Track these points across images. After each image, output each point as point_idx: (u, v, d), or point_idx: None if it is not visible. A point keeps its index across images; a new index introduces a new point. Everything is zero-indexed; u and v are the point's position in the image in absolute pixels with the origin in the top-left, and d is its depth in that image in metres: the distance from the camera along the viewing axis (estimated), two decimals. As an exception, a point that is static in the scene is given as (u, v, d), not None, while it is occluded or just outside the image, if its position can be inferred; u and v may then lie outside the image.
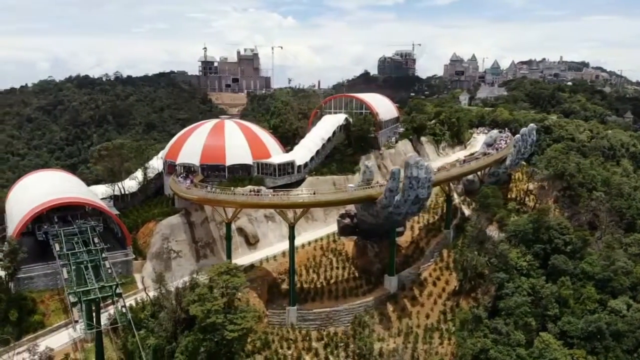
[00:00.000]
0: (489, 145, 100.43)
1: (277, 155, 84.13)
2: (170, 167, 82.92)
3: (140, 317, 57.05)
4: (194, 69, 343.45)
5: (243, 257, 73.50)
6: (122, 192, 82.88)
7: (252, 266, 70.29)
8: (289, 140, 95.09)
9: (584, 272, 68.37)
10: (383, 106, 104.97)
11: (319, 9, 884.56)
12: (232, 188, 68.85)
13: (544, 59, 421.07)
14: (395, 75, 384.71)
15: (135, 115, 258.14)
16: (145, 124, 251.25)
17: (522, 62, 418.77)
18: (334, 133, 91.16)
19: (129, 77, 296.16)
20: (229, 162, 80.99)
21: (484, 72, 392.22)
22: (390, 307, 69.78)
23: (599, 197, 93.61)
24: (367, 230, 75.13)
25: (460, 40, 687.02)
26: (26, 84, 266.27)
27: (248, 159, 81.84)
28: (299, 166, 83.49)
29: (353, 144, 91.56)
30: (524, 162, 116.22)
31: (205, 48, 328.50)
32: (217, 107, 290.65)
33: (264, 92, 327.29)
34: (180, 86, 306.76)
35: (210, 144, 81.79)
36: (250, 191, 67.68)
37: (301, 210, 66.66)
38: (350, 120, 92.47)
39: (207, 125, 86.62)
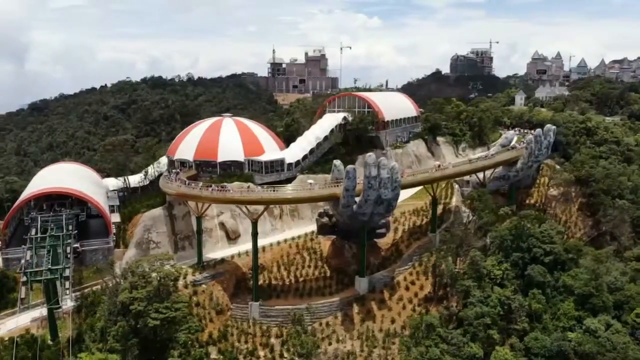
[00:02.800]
0: (503, 146, 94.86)
1: (270, 153, 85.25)
2: (171, 162, 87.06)
3: (99, 301, 60.77)
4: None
5: (222, 251, 75.38)
6: (127, 186, 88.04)
7: (222, 260, 71.94)
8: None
9: (565, 285, 62.80)
10: (393, 105, 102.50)
11: (405, 8, 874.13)
12: (200, 183, 70.58)
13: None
14: (468, 74, 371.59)
15: (202, 115, 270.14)
16: (281, 123, 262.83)
17: (614, 61, 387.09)
18: (331, 132, 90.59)
19: (200, 78, 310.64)
20: (220, 158, 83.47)
21: (569, 71, 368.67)
22: (355, 309, 68.45)
23: (622, 206, 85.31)
24: (345, 230, 74.11)
25: (556, 38, 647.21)
26: (105, 84, 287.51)
27: (240, 156, 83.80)
28: (290, 164, 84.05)
29: (351, 143, 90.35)
30: (557, 165, 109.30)
31: (274, 50, 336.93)
32: (281, 108, 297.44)
33: (329, 92, 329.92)
34: (248, 87, 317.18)
35: (204, 141, 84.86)
36: (219, 187, 69.12)
37: (267, 206, 67.09)
38: (349, 119, 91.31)
39: (207, 122, 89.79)
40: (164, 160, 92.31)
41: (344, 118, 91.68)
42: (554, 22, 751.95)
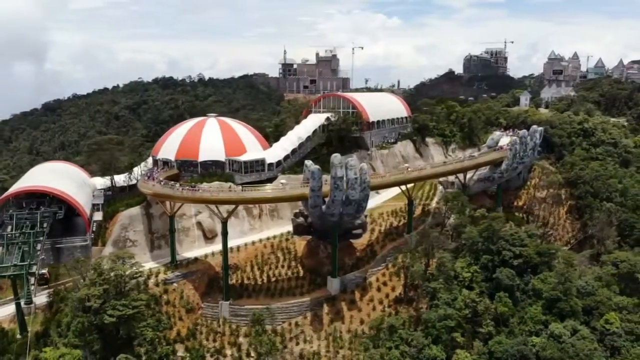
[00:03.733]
0: (490, 147, 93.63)
1: (251, 153, 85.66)
2: (155, 162, 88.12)
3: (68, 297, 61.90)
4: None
5: (198, 250, 76.03)
6: (113, 185, 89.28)
7: (195, 259, 72.59)
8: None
9: (534, 289, 61.78)
10: (380, 106, 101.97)
11: (425, 8, 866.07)
12: (172, 183, 71.23)
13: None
14: (482, 74, 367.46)
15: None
16: (270, 123, 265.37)
17: (634, 62, 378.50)
18: (314, 132, 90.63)
19: (211, 79, 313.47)
20: (201, 158, 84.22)
21: (585, 72, 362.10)
22: (325, 309, 68.38)
23: (610, 209, 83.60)
24: (320, 230, 74.09)
25: (578, 38, 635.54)
26: (118, 85, 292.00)
27: (221, 156, 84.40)
28: (271, 164, 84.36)
29: (334, 144, 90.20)
30: (551, 167, 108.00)
31: (285, 51, 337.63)
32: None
33: (340, 92, 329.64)
34: (258, 87, 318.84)
35: (186, 141, 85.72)
36: (190, 186, 69.71)
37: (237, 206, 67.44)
38: (332, 119, 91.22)
39: (191, 122, 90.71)
40: (150, 159, 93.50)
41: (327, 119, 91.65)
42: (576, 22, 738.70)
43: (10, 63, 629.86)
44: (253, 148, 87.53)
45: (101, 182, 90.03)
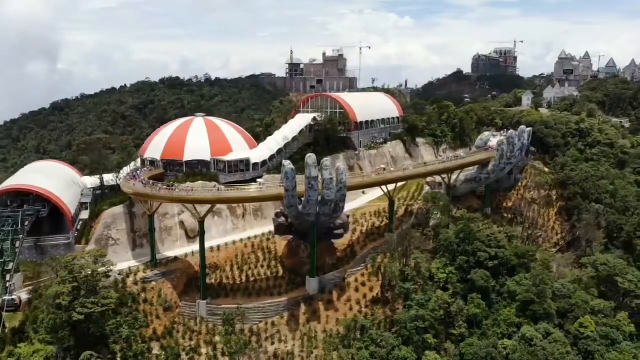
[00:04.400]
0: (478, 148, 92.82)
1: (237, 153, 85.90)
2: (142, 161, 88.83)
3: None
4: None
5: (180, 250, 76.44)
6: (102, 184, 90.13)
7: (175, 258, 73.05)
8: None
9: (510, 291, 61.17)
10: (369, 106, 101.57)
11: (438, 7, 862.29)
12: (153, 182, 71.69)
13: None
14: (490, 74, 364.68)
15: (216, 114, 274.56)
16: (261, 122, 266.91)
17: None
18: (301, 132, 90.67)
19: (217, 79, 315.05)
20: (186, 157, 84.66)
21: (597, 71, 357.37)
22: (302, 309, 68.41)
23: (598, 210, 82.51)
24: (301, 230, 74.17)
25: (592, 38, 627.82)
26: (125, 85, 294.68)
27: (206, 155, 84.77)
28: (255, 164, 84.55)
29: (321, 144, 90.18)
30: (545, 168, 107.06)
31: (291, 51, 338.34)
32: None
33: (347, 92, 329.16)
34: (264, 87, 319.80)
35: (172, 140, 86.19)
36: (168, 186, 70.08)
37: (210, 205, 67.70)
38: (318, 119, 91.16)
39: (178, 122, 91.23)
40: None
41: (314, 119, 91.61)
42: (591, 21, 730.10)
43: (25, 63, 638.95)
44: (239, 148, 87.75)
45: (91, 181, 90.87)
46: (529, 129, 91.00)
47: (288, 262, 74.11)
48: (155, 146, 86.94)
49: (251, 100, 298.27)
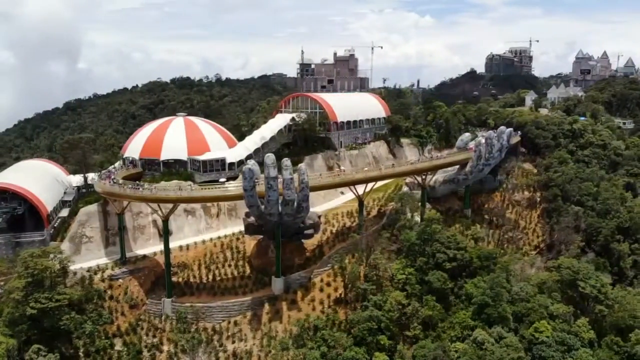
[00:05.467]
0: (459, 148, 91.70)
1: (214, 152, 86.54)
2: (123, 160, 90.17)
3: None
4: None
5: (153, 248, 77.26)
6: (86, 182, 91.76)
7: (144, 256, 73.99)
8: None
9: (467, 294, 60.39)
10: (351, 107, 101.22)
11: (458, 6, 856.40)
12: (121, 181, 72.68)
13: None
14: (504, 74, 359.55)
15: (225, 115, 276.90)
16: (231, 123, 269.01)
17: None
18: (280, 132, 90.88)
19: (228, 79, 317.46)
20: (163, 156, 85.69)
21: (615, 71, 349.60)
22: (266, 309, 68.57)
23: (577, 213, 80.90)
24: (270, 230, 74.25)
25: (615, 37, 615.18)
26: (137, 85, 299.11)
27: (183, 155, 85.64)
28: (232, 163, 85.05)
29: (299, 144, 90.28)
30: (534, 169, 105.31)
31: (302, 51, 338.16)
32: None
33: (357, 92, 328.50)
34: (274, 88, 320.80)
35: (150, 139, 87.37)
36: (133, 185, 70.86)
37: (175, 205, 68.34)
38: (297, 119, 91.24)
39: (158, 121, 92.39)
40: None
41: (292, 119, 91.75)
42: (614, 20, 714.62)
43: (47, 62, 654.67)
44: (218, 147, 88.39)
45: (77, 179, 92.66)
46: (509, 129, 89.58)
47: (256, 262, 74.39)
48: (135, 145, 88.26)
49: (260, 100, 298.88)
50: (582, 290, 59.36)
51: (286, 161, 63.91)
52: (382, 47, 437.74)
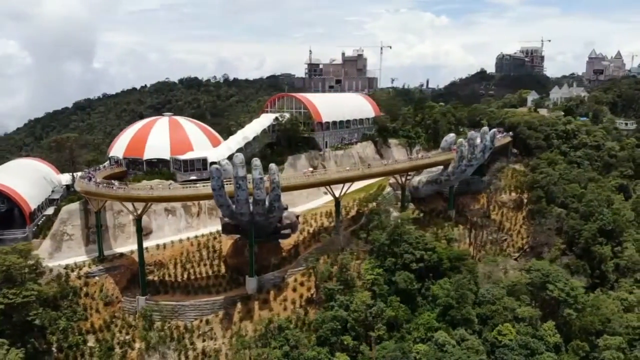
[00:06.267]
0: (443, 149, 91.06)
1: (197, 152, 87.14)
2: (109, 160, 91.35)
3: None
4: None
5: (132, 246, 77.47)
6: (73, 181, 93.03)
7: (121, 254, 74.83)
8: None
9: (433, 295, 59.99)
10: (337, 107, 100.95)
11: (475, 6, 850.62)
12: (97, 180, 73.55)
13: None
14: (514, 74, 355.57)
15: (231, 114, 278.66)
16: (236, 122, 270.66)
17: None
18: (263, 132, 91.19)
19: (235, 79, 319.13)
20: (146, 156, 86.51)
21: (628, 71, 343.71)
22: (238, 308, 68.90)
23: (560, 214, 79.87)
24: (247, 229, 74.54)
25: (634, 37, 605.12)
26: (145, 85, 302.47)
27: (166, 154, 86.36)
28: (213, 163, 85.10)
29: (282, 144, 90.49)
30: (525, 170, 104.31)
31: (310, 51, 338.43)
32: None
33: (365, 92, 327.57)
34: (282, 88, 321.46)
35: (134, 139, 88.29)
36: (107, 184, 71.60)
37: (147, 204, 68.93)
38: (280, 119, 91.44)
39: (143, 121, 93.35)
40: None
41: (276, 118, 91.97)
42: (631, 20, 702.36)
43: (64, 62, 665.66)
44: (201, 147, 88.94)
45: (67, 178, 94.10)
46: (493, 130, 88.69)
47: (232, 261, 74.81)
48: (119, 145, 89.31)
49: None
50: (550, 294, 58.45)
51: (255, 161, 64.19)
52: (391, 47, 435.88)
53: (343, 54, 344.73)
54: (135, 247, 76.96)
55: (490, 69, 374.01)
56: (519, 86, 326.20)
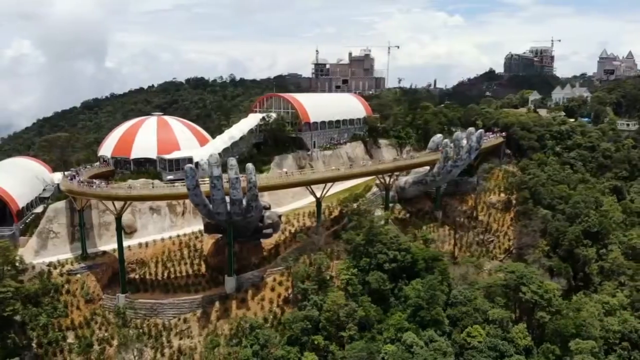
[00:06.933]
0: (431, 149, 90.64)
1: (183, 151, 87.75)
2: (99, 159, 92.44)
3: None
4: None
5: (116, 245, 79.03)
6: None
7: (104, 252, 75.69)
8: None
9: (406, 296, 59.79)
10: (326, 107, 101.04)
11: (488, 5, 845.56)
12: (80, 179, 74.42)
13: None
14: (523, 74, 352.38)
15: (236, 113, 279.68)
16: (228, 122, 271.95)
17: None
18: (250, 132, 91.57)
19: (242, 79, 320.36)
20: (133, 155, 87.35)
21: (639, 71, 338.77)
22: (215, 307, 69.33)
23: (545, 216, 79.13)
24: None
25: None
26: (153, 85, 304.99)
27: (153, 153, 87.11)
28: (197, 162, 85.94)
29: (269, 144, 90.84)
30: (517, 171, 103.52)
31: (317, 51, 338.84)
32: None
33: (371, 92, 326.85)
34: (288, 88, 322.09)
35: (122, 138, 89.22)
36: (87, 183, 72.46)
37: (125, 202, 69.66)
38: (267, 119, 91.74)
39: (132, 121, 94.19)
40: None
41: (262, 118, 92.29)
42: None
43: (77, 61, 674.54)
44: (189, 146, 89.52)
45: (59, 177, 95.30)
46: (480, 130, 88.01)
47: (213, 261, 75.29)
48: (109, 144, 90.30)
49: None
50: (522, 296, 57.91)
51: (231, 160, 64.51)
52: (398, 47, 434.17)
53: (350, 54, 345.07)
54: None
55: (494, 69, 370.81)
56: (528, 86, 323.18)
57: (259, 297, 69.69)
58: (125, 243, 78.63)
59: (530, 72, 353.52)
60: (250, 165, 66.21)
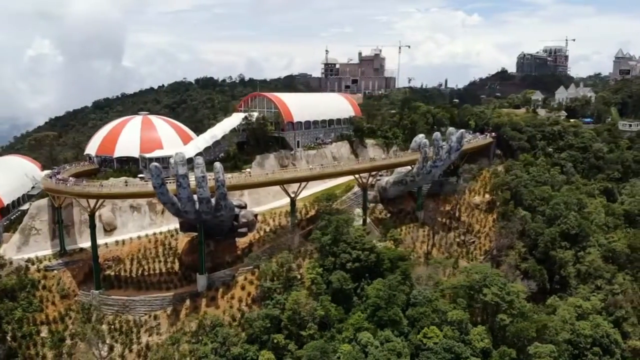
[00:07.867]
0: (414, 150, 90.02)
1: (165, 150, 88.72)
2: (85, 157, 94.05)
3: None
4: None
5: (98, 241, 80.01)
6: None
7: (81, 249, 76.97)
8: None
9: (367, 295, 59.65)
10: (311, 107, 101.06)
11: (507, 5, 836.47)
12: (59, 178, 75.75)
13: None
14: (536, 74, 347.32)
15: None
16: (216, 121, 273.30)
17: None
18: (233, 131, 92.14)
19: (251, 79, 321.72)
20: (117, 154, 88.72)
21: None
22: (185, 305, 70.01)
23: (525, 217, 78.19)
24: (204, 228, 75.60)
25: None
26: (163, 85, 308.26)
27: (136, 152, 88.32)
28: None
29: (252, 143, 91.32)
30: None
31: (327, 50, 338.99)
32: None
33: (381, 92, 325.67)
34: (297, 88, 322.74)
35: (107, 137, 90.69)
36: (64, 181, 73.72)
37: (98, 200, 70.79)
38: (249, 119, 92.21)
39: (118, 120, 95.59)
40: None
41: (245, 118, 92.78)
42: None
43: (96, 61, 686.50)
44: (172, 145, 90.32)
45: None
46: (461, 130, 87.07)
47: (187, 259, 75.96)
48: (94, 143, 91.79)
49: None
50: (482, 297, 57.30)
51: (198, 159, 65.10)
52: (409, 47, 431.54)
53: (360, 53, 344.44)
54: (100, 242, 79.70)
55: (507, 68, 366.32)
56: (540, 86, 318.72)
57: (229, 295, 70.14)
58: (105, 240, 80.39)
59: (543, 72, 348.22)
60: (218, 164, 66.72)
